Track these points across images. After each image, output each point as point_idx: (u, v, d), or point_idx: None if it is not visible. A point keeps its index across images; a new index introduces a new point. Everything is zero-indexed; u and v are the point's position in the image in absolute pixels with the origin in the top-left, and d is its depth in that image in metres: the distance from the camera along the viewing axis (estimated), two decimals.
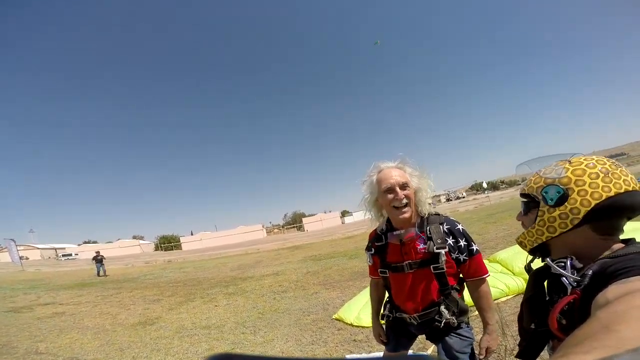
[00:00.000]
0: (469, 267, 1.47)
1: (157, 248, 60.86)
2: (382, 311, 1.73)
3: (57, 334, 5.11)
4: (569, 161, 0.85)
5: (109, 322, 5.64)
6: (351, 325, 3.83)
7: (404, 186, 1.44)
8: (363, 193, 1.62)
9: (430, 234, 1.46)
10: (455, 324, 1.48)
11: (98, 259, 16.07)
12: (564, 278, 0.75)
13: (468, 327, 1.55)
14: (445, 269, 1.44)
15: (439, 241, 1.43)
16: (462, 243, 1.46)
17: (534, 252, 0.93)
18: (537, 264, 0.96)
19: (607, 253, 0.76)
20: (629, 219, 0.80)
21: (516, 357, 0.92)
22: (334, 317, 4.28)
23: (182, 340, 4.25)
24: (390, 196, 1.45)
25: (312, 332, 3.92)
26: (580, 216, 0.77)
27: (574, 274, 0.75)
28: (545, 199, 0.84)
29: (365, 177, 1.59)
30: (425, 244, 1.46)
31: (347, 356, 2.95)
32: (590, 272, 0.70)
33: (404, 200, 1.43)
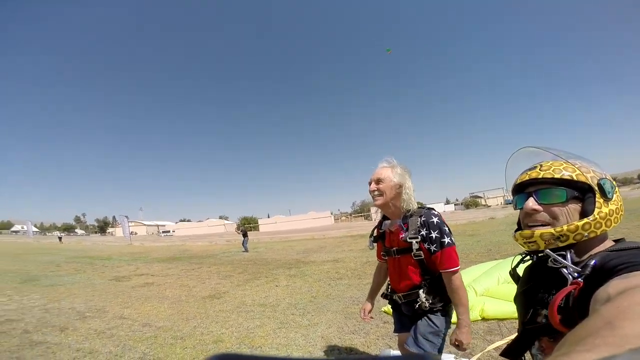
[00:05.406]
0: (440, 258, 1.58)
1: (237, 228, 66.61)
2: (383, 290, 2.01)
3: (142, 302, 5.91)
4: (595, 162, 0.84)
5: (185, 294, 6.38)
6: None
7: (378, 181, 1.69)
8: None
9: (408, 224, 1.64)
10: (427, 308, 1.62)
11: (244, 233, 16.03)
12: (565, 269, 0.74)
13: (444, 316, 1.66)
14: (423, 257, 1.61)
15: (412, 232, 1.61)
16: (434, 235, 1.58)
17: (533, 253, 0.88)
18: (521, 269, 0.96)
19: (602, 248, 0.75)
20: None
21: (500, 355, 0.87)
22: (382, 309, 4.19)
23: (239, 315, 4.62)
24: (369, 187, 1.74)
25: (357, 321, 3.91)
26: (623, 213, 0.80)
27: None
28: (604, 191, 0.78)
29: None
30: (404, 234, 1.65)
31: (384, 350, 2.89)
32: (592, 262, 0.70)
33: (376, 192, 1.70)
